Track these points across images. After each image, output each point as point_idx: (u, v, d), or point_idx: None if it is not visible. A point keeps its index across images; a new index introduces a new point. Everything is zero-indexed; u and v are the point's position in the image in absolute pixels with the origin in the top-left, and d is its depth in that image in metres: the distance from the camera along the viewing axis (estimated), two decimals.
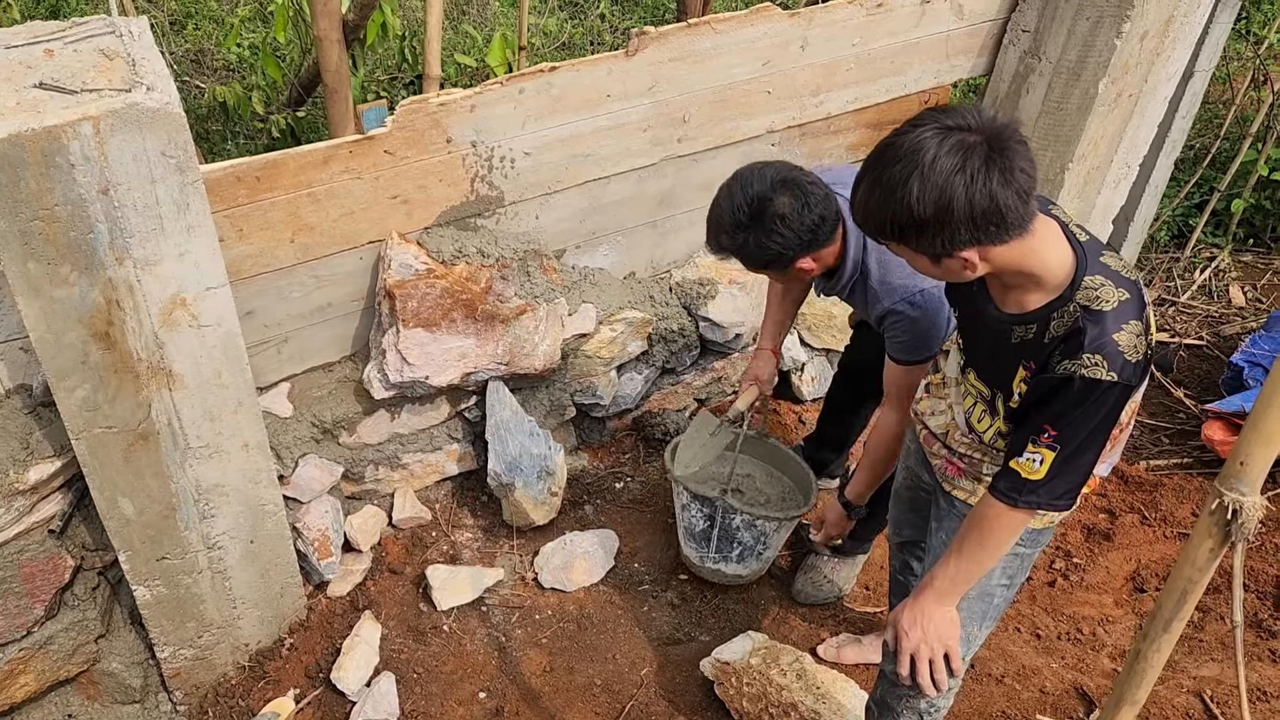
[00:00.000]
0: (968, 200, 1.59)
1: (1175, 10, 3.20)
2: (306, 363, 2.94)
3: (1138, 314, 1.75)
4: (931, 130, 1.61)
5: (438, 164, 2.77)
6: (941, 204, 1.60)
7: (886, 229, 1.69)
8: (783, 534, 3.01)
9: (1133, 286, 1.77)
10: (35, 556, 2.58)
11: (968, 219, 1.61)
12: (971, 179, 1.58)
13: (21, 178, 1.88)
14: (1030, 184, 1.63)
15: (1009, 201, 1.61)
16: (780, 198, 2.24)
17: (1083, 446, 1.78)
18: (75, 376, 2.17)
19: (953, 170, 1.59)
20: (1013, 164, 1.60)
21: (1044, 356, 1.79)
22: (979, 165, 1.58)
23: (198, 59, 5.12)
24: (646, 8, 5.93)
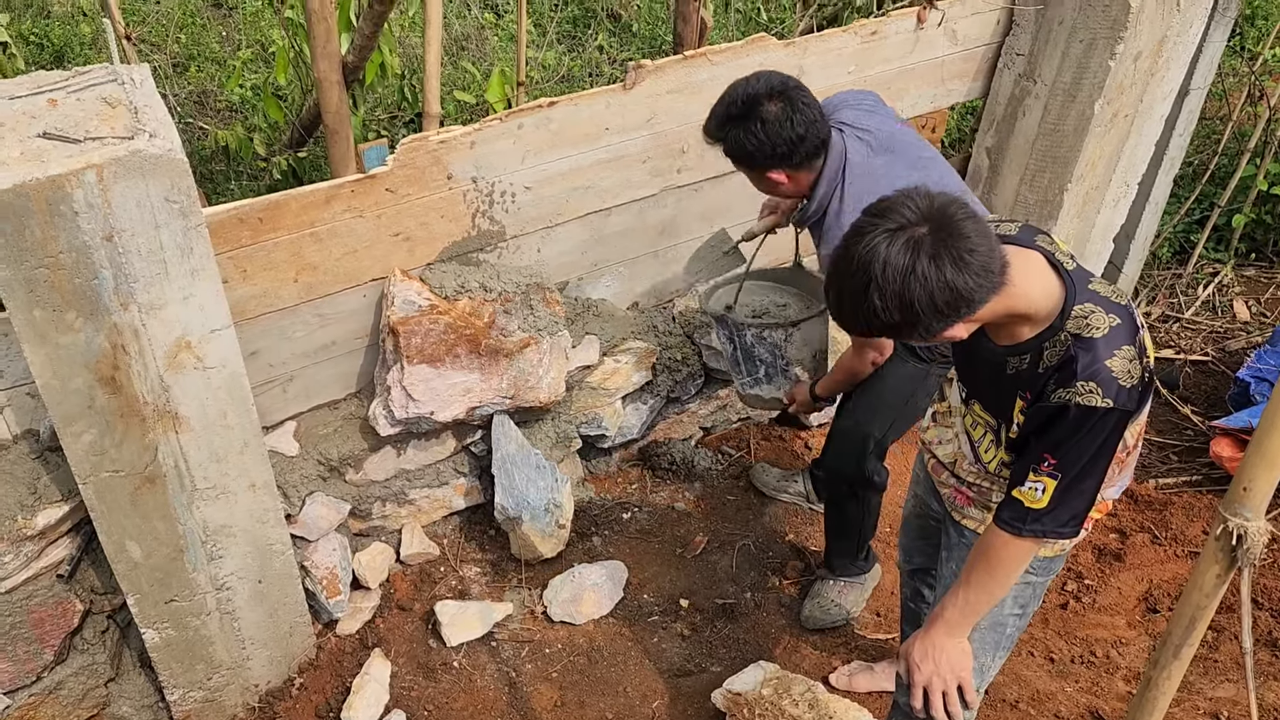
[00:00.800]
0: (929, 298, 1.61)
1: (1168, 31, 3.22)
2: (312, 401, 2.95)
3: (1130, 339, 1.75)
4: (881, 235, 1.62)
5: (439, 200, 2.79)
6: (905, 307, 1.62)
7: (868, 333, 1.72)
8: (799, 346, 2.98)
9: (1123, 311, 1.78)
10: (44, 601, 2.58)
11: (934, 312, 1.63)
12: (925, 278, 1.60)
13: (26, 226, 1.90)
14: (988, 257, 1.63)
15: (969, 284, 1.62)
16: (770, 104, 2.34)
17: (1083, 473, 1.78)
18: (82, 421, 2.18)
19: (906, 273, 1.60)
20: (963, 247, 1.61)
21: (1039, 386, 1.79)
22: (928, 263, 1.60)
23: (201, 100, 5.17)
24: (644, 38, 5.98)
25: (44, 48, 5.40)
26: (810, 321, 2.97)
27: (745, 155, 2.43)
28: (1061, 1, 3.22)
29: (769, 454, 3.74)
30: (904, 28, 3.29)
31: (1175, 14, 3.20)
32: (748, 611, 3.16)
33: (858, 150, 2.51)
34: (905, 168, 2.53)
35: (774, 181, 2.47)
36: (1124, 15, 3.06)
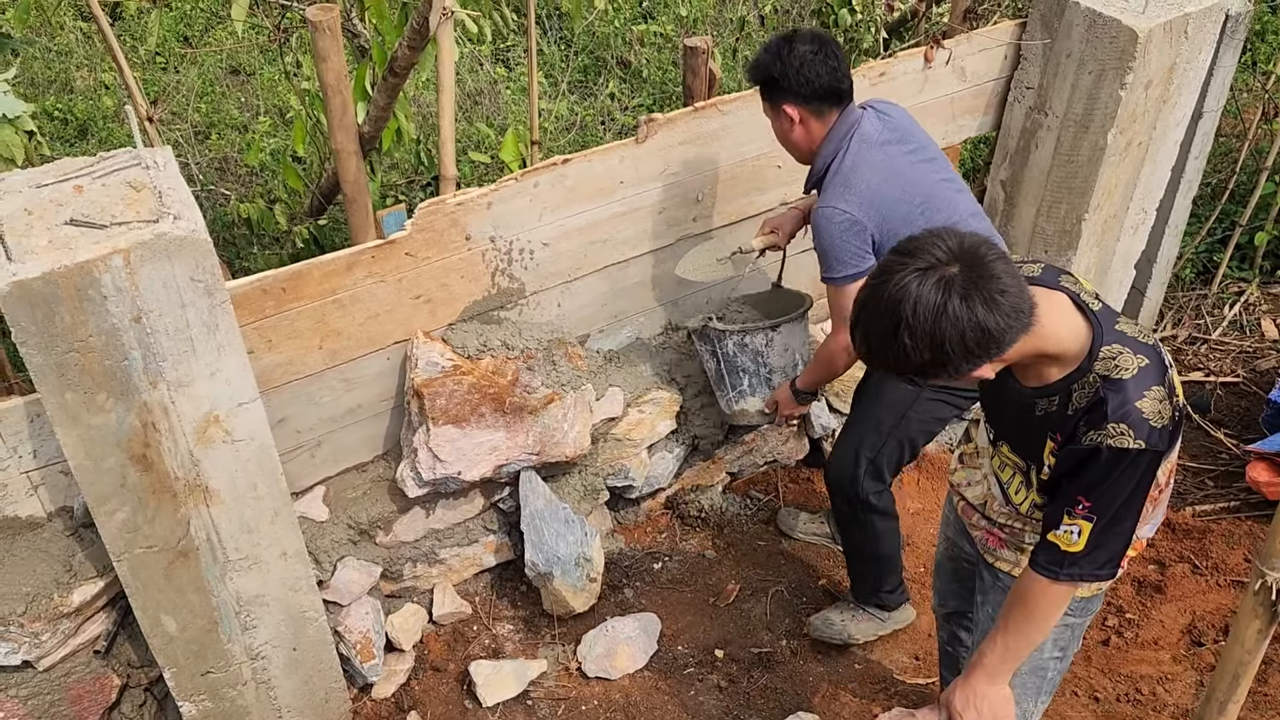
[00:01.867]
0: (960, 338, 1.61)
1: (1177, 58, 3.22)
2: (340, 465, 2.97)
3: (1159, 379, 1.74)
4: (911, 274, 1.62)
5: (458, 261, 2.82)
6: (936, 347, 1.63)
7: (895, 373, 1.72)
8: (780, 352, 3.00)
9: (1151, 351, 1.77)
10: (82, 678, 2.60)
11: (964, 353, 1.63)
12: (957, 318, 1.60)
13: (56, 313, 1.93)
14: (1017, 295, 1.64)
15: (1000, 324, 1.62)
16: (807, 45, 2.52)
17: (1119, 515, 1.76)
18: (115, 499, 2.20)
19: (937, 313, 1.60)
20: (994, 287, 1.61)
21: (1069, 428, 1.78)
22: (959, 302, 1.60)
23: (222, 166, 5.26)
24: (654, 84, 6.03)
25: (68, 123, 5.52)
26: (790, 325, 3.01)
27: (769, 79, 2.58)
28: (1068, 35, 3.23)
29: (797, 497, 3.72)
30: (912, 68, 3.31)
31: (1184, 41, 3.20)
32: (784, 660, 3.13)
33: (873, 125, 2.63)
34: (911, 154, 2.64)
35: (788, 118, 2.61)
36: (1131, 45, 3.07)
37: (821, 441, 3.77)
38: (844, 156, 2.60)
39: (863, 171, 2.58)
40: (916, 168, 2.65)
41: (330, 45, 2.57)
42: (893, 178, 2.59)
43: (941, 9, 4.45)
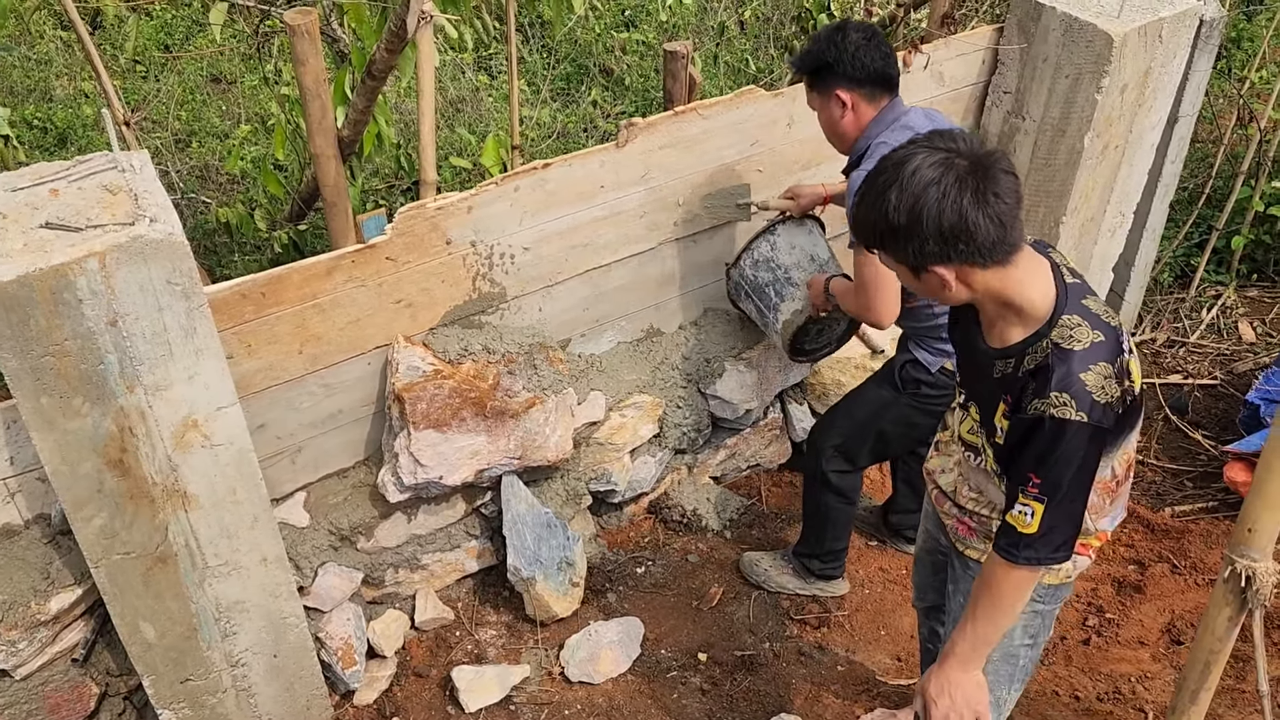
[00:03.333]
0: (937, 213, 1.67)
1: (1152, 62, 3.25)
2: (321, 470, 2.95)
3: (1109, 358, 1.76)
4: (922, 149, 1.70)
5: (439, 266, 2.81)
6: (913, 214, 1.68)
7: (871, 235, 1.78)
8: (787, 250, 3.09)
9: (1110, 331, 1.79)
10: (60, 687, 2.58)
11: (936, 232, 1.68)
12: (944, 194, 1.66)
13: (31, 317, 1.92)
14: (1008, 212, 1.69)
15: (979, 222, 1.67)
16: (857, 29, 2.63)
17: (1069, 494, 1.78)
18: (92, 505, 2.19)
19: (929, 183, 1.67)
20: (989, 188, 1.67)
21: (1017, 391, 1.82)
22: (953, 182, 1.66)
23: (203, 174, 5.24)
24: (636, 91, 6.05)
25: (47, 131, 5.49)
26: (787, 225, 3.12)
27: (823, 65, 2.65)
28: (1045, 39, 3.26)
29: (780, 501, 3.72)
30: None
31: (1158, 45, 3.23)
32: (767, 662, 3.13)
33: (919, 118, 2.70)
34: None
35: (840, 103, 2.67)
36: (1107, 50, 3.10)
37: (803, 445, 3.78)
38: (887, 136, 2.67)
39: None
40: None
41: (309, 49, 2.57)
42: None
43: (920, 14, 4.48)
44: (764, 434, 3.72)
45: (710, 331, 3.48)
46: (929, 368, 2.86)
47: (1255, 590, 1.16)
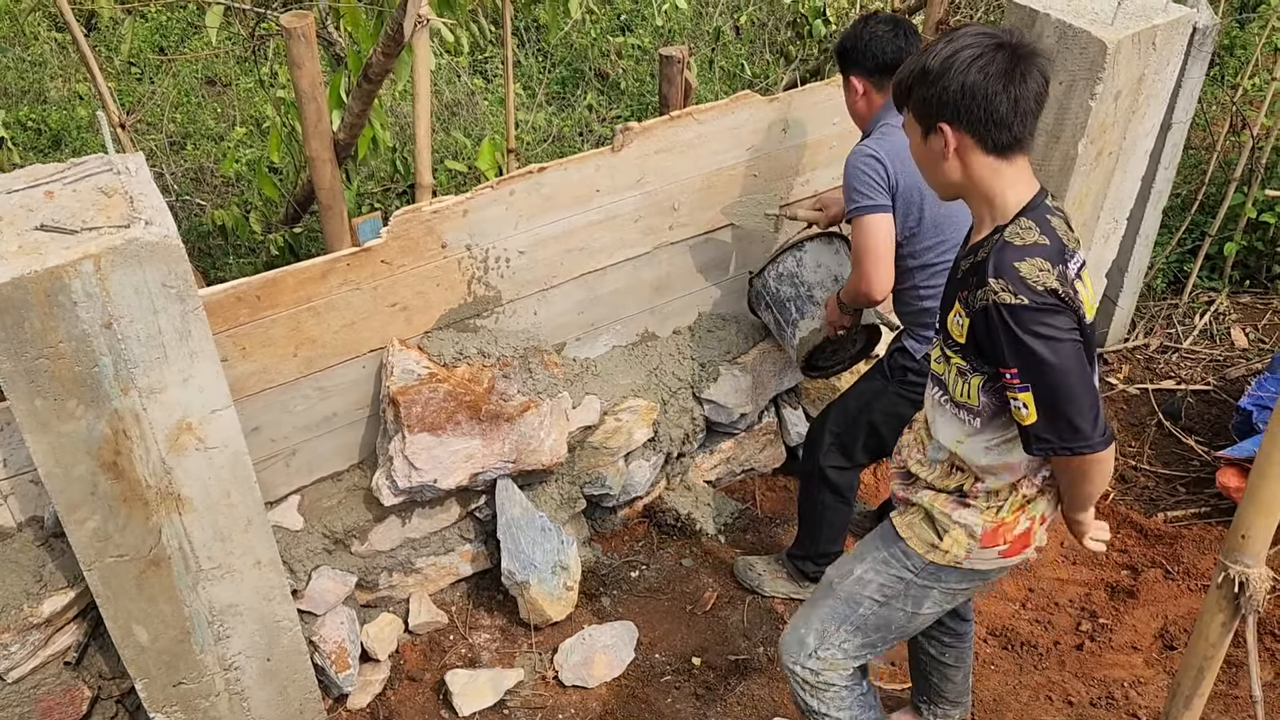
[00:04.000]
0: (966, 69, 1.78)
1: (1145, 69, 3.26)
2: (315, 474, 2.95)
3: (1048, 258, 1.80)
4: (977, 31, 1.82)
5: (434, 269, 2.81)
6: (945, 64, 1.80)
7: (905, 82, 1.89)
8: (812, 269, 3.14)
9: (1058, 241, 1.83)
10: (52, 690, 2.57)
11: (959, 86, 1.79)
12: (979, 59, 1.78)
13: (26, 318, 1.92)
14: (1026, 103, 1.79)
15: (999, 94, 1.78)
16: (882, 20, 2.74)
17: (1050, 375, 1.80)
18: (85, 508, 2.18)
19: (970, 48, 1.79)
20: (1020, 75, 1.78)
21: (970, 287, 1.88)
22: (991, 56, 1.78)
23: (198, 177, 5.23)
24: (632, 95, 6.06)
25: (41, 133, 5.48)
26: (814, 243, 3.17)
27: (843, 51, 2.81)
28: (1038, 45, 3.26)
29: (774, 505, 3.73)
30: None
31: (1152, 52, 3.25)
32: (762, 667, 3.13)
33: None
34: None
35: (855, 89, 2.81)
36: (1101, 56, 3.11)
37: (798, 449, 3.78)
38: (893, 119, 2.75)
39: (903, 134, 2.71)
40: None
41: (305, 52, 2.57)
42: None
43: (915, 21, 4.50)
44: (759, 438, 3.73)
45: (705, 336, 3.48)
46: (914, 354, 2.89)
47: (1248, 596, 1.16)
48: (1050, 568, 3.46)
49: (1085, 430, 1.84)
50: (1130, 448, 4.07)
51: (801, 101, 3.24)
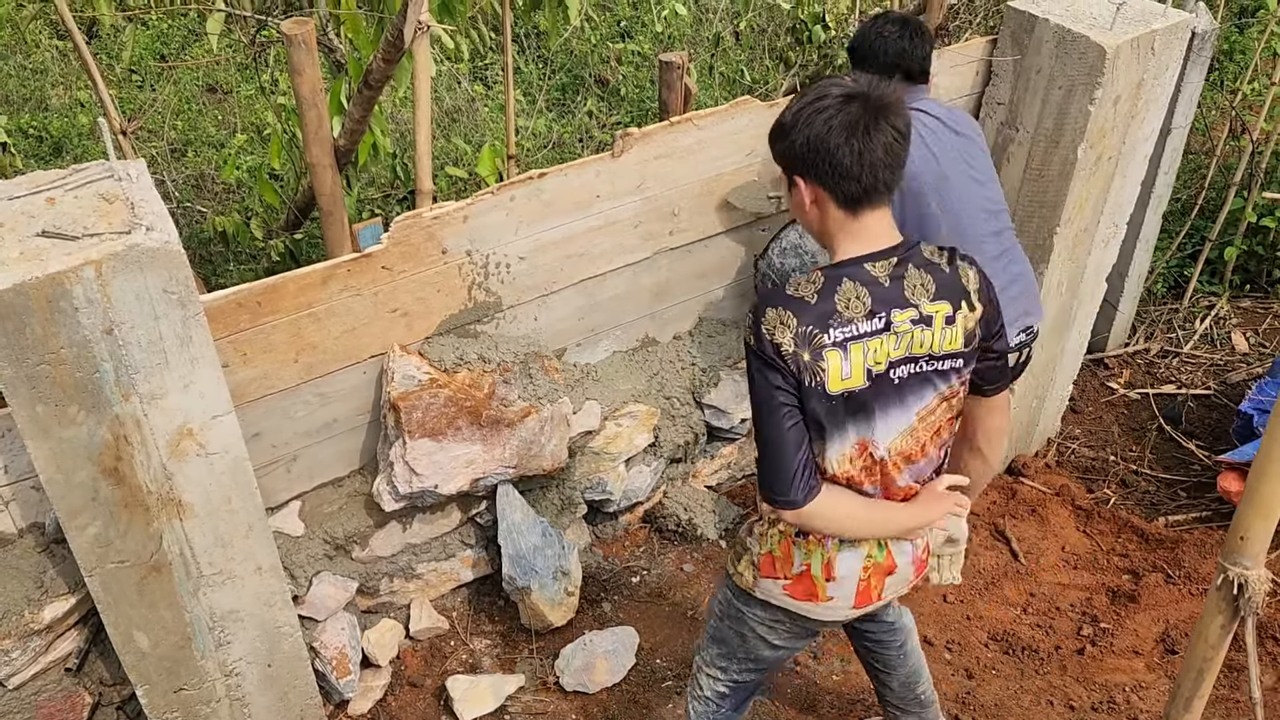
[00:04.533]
0: (811, 122, 1.77)
1: (1144, 74, 3.27)
2: (316, 479, 2.95)
3: (799, 314, 1.80)
4: (843, 82, 1.80)
5: (434, 275, 2.82)
6: (797, 117, 1.79)
7: (769, 136, 1.90)
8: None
9: (829, 306, 1.81)
10: (53, 696, 2.57)
11: (805, 139, 1.78)
12: (829, 112, 1.75)
13: (27, 324, 1.92)
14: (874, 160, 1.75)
15: (840, 149, 1.75)
16: (892, 20, 2.79)
17: (757, 422, 1.87)
18: (86, 514, 2.19)
19: (819, 100, 1.77)
20: (869, 129, 1.74)
21: None
22: (839, 108, 1.75)
23: (198, 183, 5.24)
24: (632, 102, 6.07)
25: (43, 140, 5.49)
26: None
27: (851, 49, 2.86)
28: (1038, 51, 3.28)
29: None
30: None
31: (1151, 57, 3.25)
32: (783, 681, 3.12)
33: (938, 108, 2.82)
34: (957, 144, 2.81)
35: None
36: (1100, 61, 3.11)
37: None
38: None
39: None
40: (956, 154, 2.81)
41: (305, 59, 2.57)
42: (930, 144, 2.76)
43: None
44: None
45: (705, 341, 3.49)
46: None
47: (1247, 598, 1.17)
48: (1051, 572, 3.46)
49: (774, 485, 1.88)
50: (1131, 452, 4.07)
51: None
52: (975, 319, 1.91)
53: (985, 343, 1.96)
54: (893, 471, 1.96)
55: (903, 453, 1.94)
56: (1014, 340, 2.85)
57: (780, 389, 1.84)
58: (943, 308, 1.86)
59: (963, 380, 1.96)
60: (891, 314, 1.84)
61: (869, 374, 1.84)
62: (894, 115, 1.78)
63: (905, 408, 1.90)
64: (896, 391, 1.88)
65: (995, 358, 2.00)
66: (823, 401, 1.84)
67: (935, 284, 1.86)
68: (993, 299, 1.96)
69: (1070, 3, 3.34)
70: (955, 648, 3.20)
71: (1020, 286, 2.88)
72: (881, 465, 1.94)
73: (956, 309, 1.88)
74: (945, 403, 1.95)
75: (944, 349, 1.88)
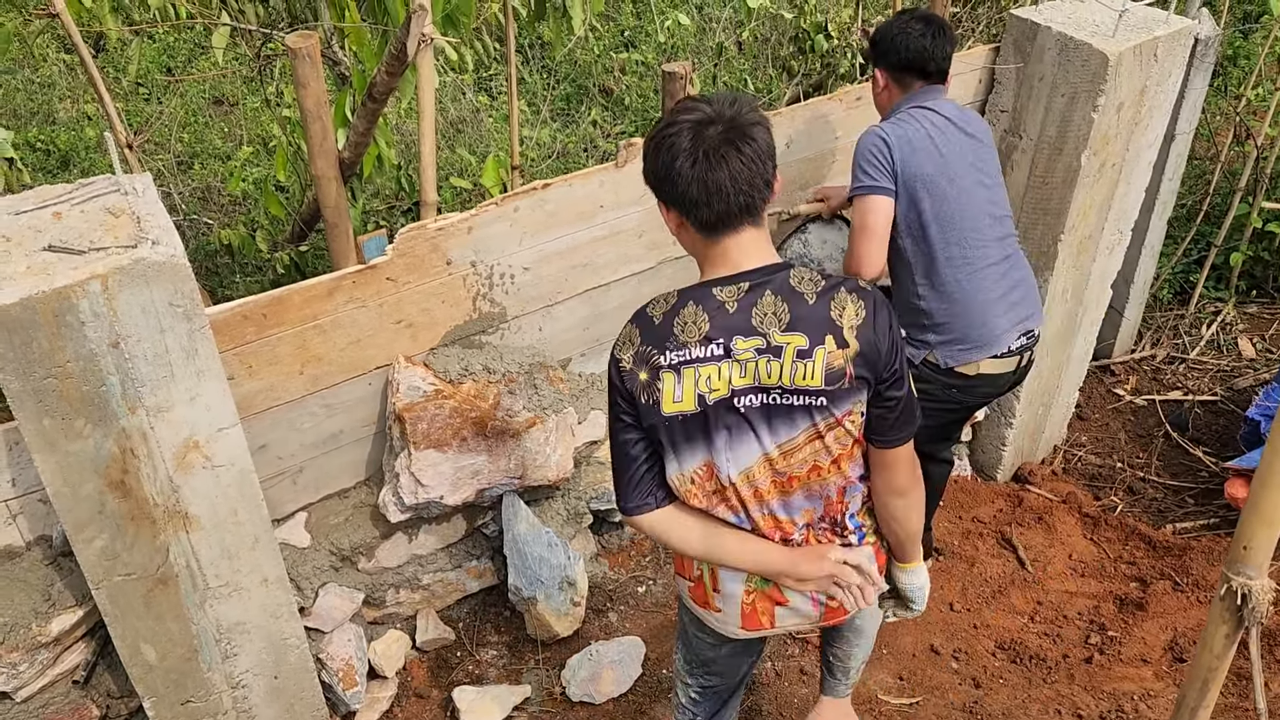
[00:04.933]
0: (661, 150, 1.75)
1: (1147, 81, 3.27)
2: (322, 491, 2.96)
3: (644, 333, 1.84)
4: (708, 103, 1.76)
5: (439, 286, 2.83)
6: (653, 142, 1.78)
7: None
8: (819, 245, 3.21)
9: (668, 330, 1.82)
10: (60, 709, 2.57)
11: (657, 168, 1.77)
12: (677, 136, 1.73)
13: (34, 339, 1.93)
14: (719, 186, 1.71)
15: (686, 175, 1.72)
16: (916, 17, 2.81)
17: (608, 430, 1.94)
18: (93, 527, 2.19)
19: (673, 126, 1.74)
20: (720, 155, 1.71)
21: None
22: (690, 133, 1.72)
23: (205, 195, 5.27)
24: (636, 111, 6.09)
25: (50, 154, 5.53)
26: (816, 223, 3.22)
27: (873, 44, 2.90)
28: (1041, 58, 3.28)
29: None
30: None
31: (1153, 64, 3.25)
32: (769, 682, 3.12)
33: (952, 109, 2.84)
34: (969, 146, 2.81)
35: (877, 81, 2.91)
36: (1103, 68, 3.12)
37: None
38: (911, 109, 2.81)
39: (918, 124, 2.79)
40: (964, 156, 2.80)
41: (310, 72, 2.59)
42: (938, 143, 2.77)
43: None
44: None
45: None
46: (911, 359, 2.88)
47: (1251, 608, 1.16)
48: (1058, 580, 3.45)
49: (615, 489, 1.95)
50: (1138, 459, 4.06)
51: (804, 115, 3.26)
52: (844, 356, 1.78)
53: (871, 385, 1.83)
54: (750, 501, 1.90)
55: (758, 482, 1.88)
56: (1015, 344, 2.85)
57: (617, 403, 1.88)
58: (795, 339, 1.77)
59: (840, 420, 1.84)
60: (733, 341, 1.78)
61: (700, 399, 1.80)
62: (747, 140, 1.72)
63: (758, 437, 1.84)
64: (744, 419, 1.82)
65: (888, 406, 1.87)
66: (659, 420, 1.83)
67: (791, 314, 1.77)
68: (880, 341, 1.81)
69: (1072, 10, 3.34)
70: (962, 656, 3.19)
71: (1021, 291, 2.88)
72: (734, 490, 1.89)
73: (816, 343, 1.77)
74: (818, 440, 1.85)
75: (796, 383, 1.78)
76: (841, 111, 3.30)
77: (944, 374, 2.85)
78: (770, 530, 1.94)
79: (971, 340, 2.82)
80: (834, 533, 1.98)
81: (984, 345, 2.82)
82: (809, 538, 1.97)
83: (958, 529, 3.69)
